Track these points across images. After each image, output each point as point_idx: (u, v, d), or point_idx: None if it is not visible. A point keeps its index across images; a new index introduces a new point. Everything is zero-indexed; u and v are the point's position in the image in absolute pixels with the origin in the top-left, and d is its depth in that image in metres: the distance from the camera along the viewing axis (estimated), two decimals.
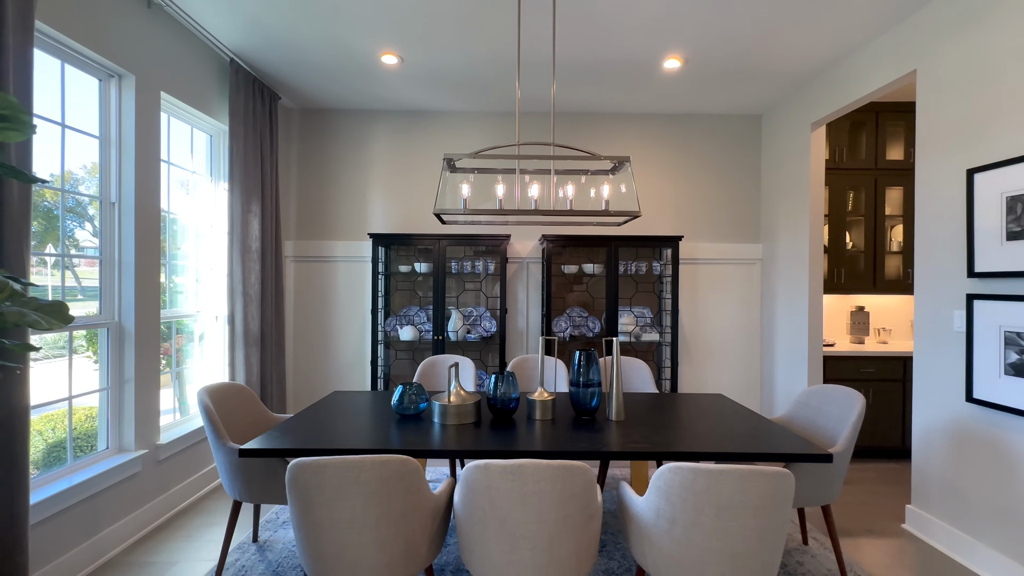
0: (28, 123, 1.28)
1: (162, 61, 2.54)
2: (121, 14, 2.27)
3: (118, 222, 2.35)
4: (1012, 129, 2.04)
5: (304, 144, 3.96)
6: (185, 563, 2.18)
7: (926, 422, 2.45)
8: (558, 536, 1.32)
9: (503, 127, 3.93)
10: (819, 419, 2.24)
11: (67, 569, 2.01)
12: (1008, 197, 2.02)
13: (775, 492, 1.29)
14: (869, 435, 3.49)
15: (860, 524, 2.60)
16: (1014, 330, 1.99)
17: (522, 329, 3.97)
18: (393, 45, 2.89)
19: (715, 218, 4.02)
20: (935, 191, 2.41)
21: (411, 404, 2.12)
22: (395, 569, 1.40)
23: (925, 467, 2.45)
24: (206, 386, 2.10)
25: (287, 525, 2.50)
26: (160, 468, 2.55)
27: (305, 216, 3.97)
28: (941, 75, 2.37)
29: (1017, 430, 2.01)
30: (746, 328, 4.01)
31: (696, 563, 1.34)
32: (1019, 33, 2.01)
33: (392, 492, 1.34)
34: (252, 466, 1.94)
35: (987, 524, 2.14)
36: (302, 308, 3.97)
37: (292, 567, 2.14)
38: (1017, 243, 1.98)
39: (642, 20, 2.59)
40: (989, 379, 2.09)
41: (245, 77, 3.14)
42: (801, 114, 3.44)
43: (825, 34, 2.71)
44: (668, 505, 1.35)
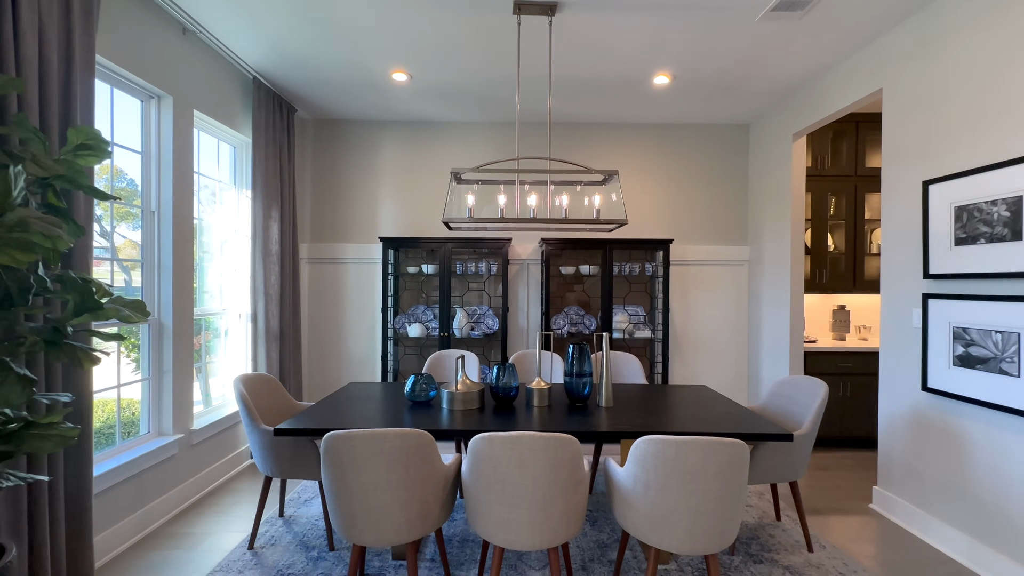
0: (105, 150, 1.53)
1: (195, 82, 2.79)
2: (161, 41, 2.53)
3: (157, 229, 2.61)
4: (961, 146, 2.27)
5: (317, 153, 4.22)
6: (220, 534, 2.44)
7: (890, 410, 2.68)
8: (550, 497, 1.57)
9: (504, 136, 4.17)
10: (789, 406, 2.48)
11: (118, 537, 2.27)
12: (956, 207, 2.25)
13: (732, 459, 1.53)
14: (847, 425, 3.73)
15: (831, 504, 2.84)
16: (961, 326, 2.22)
17: (523, 327, 4.21)
18: (403, 64, 3.14)
19: (705, 222, 4.26)
20: (898, 200, 2.65)
21: (422, 392, 2.37)
22: (412, 527, 1.65)
23: (889, 451, 2.69)
24: (240, 376, 2.36)
25: (308, 503, 2.76)
26: (193, 451, 2.81)
27: (318, 220, 4.23)
28: (903, 95, 2.60)
29: (964, 415, 2.25)
30: (734, 326, 4.25)
31: (667, 521, 1.59)
32: (965, 63, 2.24)
33: (410, 461, 1.59)
34: (283, 445, 2.20)
35: (940, 500, 2.38)
36: (316, 307, 4.23)
37: (316, 537, 2.39)
38: (963, 248, 2.21)
39: (631, 43, 2.83)
40: (940, 370, 2.33)
41: (266, 93, 3.40)
42: (783, 125, 3.68)
43: (801, 54, 2.95)
44: (643, 472, 1.60)
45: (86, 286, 1.23)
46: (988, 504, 2.13)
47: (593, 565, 2.16)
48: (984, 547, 2.14)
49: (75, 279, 1.22)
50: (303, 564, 2.16)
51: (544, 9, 2.47)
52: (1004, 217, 2.03)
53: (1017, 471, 2.01)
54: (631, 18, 2.57)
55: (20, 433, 1.23)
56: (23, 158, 1.21)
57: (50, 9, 1.81)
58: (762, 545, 2.36)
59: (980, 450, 2.17)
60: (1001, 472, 2.08)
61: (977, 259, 2.15)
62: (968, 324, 2.19)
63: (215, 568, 2.13)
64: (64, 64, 1.88)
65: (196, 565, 2.17)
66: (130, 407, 2.63)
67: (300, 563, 2.17)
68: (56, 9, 1.84)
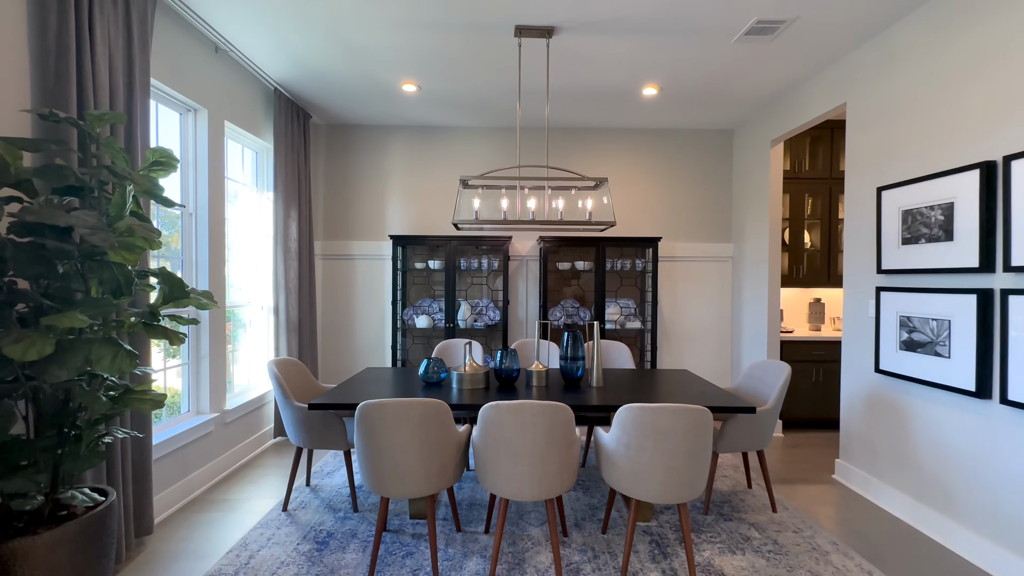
0: (174, 165, 1.83)
1: (225, 95, 3.08)
2: (197, 59, 2.81)
3: (195, 229, 2.91)
4: (907, 157, 2.59)
5: (330, 156, 4.50)
6: (254, 500, 2.75)
7: (849, 390, 3.01)
8: (547, 455, 1.89)
9: (505, 140, 4.47)
10: (759, 386, 2.80)
11: (167, 501, 2.58)
12: (903, 210, 2.57)
13: (697, 423, 1.85)
14: (819, 407, 4.07)
15: (798, 476, 3.18)
16: (906, 315, 2.55)
17: (522, 319, 4.53)
18: (412, 76, 3.43)
19: (691, 221, 4.57)
20: (858, 203, 2.96)
21: (434, 373, 2.69)
22: (431, 482, 1.97)
23: (849, 427, 3.02)
24: (272, 360, 2.67)
25: (331, 475, 3.07)
26: (227, 429, 3.12)
27: (330, 219, 4.52)
28: (863, 109, 2.91)
29: (908, 393, 2.58)
30: (718, 317, 4.58)
31: (644, 475, 1.91)
32: (913, 84, 2.55)
33: (430, 425, 1.91)
34: (313, 420, 2.51)
35: (889, 468, 2.71)
36: (328, 300, 4.53)
37: (340, 502, 2.71)
38: (909, 247, 2.53)
39: (621, 60, 3.12)
40: (890, 353, 2.65)
41: (285, 102, 3.69)
42: (762, 132, 3.98)
43: (775, 70, 3.25)
44: (624, 434, 1.92)
45: (178, 279, 1.53)
46: (927, 469, 2.47)
47: (585, 522, 2.49)
48: (923, 507, 2.48)
49: (170, 273, 1.53)
50: (332, 522, 2.48)
51: (542, 32, 2.77)
52: (939, 220, 2.35)
53: (949, 440, 2.34)
54: (621, 40, 2.86)
55: (124, 397, 1.54)
56: (126, 177, 1.50)
57: (116, 42, 2.10)
58: (733, 507, 2.69)
59: (920, 422, 2.50)
60: (937, 441, 2.41)
61: (918, 256, 2.47)
62: (911, 313, 2.51)
63: (255, 526, 2.44)
64: (127, 88, 2.17)
65: (238, 524, 2.48)
66: (167, 391, 2.93)
67: (329, 521, 2.49)
68: (121, 41, 2.12)
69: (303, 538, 2.33)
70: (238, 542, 2.29)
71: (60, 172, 1.44)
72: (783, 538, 2.36)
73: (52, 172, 1.43)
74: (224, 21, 2.72)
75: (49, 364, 1.28)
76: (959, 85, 2.29)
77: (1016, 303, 2.00)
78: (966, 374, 2.20)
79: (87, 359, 1.33)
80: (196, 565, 2.12)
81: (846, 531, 2.47)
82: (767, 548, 2.27)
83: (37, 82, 1.82)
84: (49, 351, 1.25)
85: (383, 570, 2.07)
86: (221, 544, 2.29)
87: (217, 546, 2.27)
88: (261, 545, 2.26)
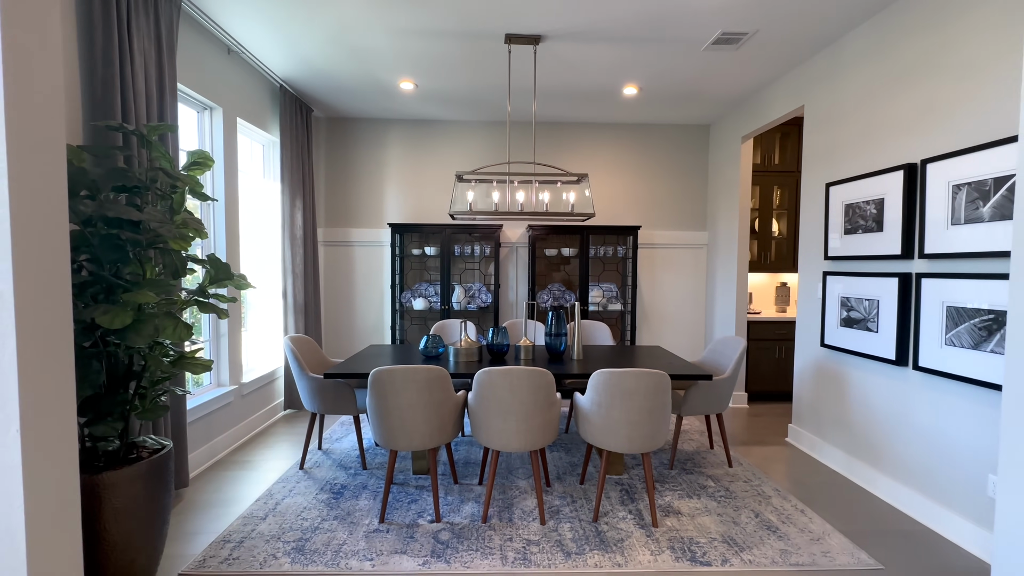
0: (210, 164, 2.11)
1: (236, 93, 3.32)
2: (213, 62, 3.05)
3: (212, 218, 3.18)
4: (850, 158, 2.93)
5: (330, 147, 4.75)
6: (272, 461, 3.09)
7: (801, 363, 3.41)
8: (532, 413, 2.24)
9: (496, 133, 4.75)
10: (720, 359, 3.18)
11: (197, 461, 2.91)
12: (846, 204, 2.93)
13: (656, 384, 2.21)
14: (781, 381, 4.48)
15: (756, 439, 3.59)
16: (845, 296, 2.92)
17: (512, 301, 4.87)
18: (410, 75, 3.69)
19: (669, 210, 4.91)
20: (811, 197, 3.32)
21: (433, 348, 3.02)
22: (434, 437, 2.32)
23: (800, 395, 3.43)
24: (288, 336, 2.98)
25: (340, 440, 3.42)
26: (244, 400, 3.44)
27: (331, 208, 4.79)
28: (817, 112, 3.25)
29: (847, 363, 2.96)
30: (693, 299, 4.95)
31: (613, 429, 2.28)
32: (856, 92, 2.88)
33: (433, 388, 2.25)
34: (327, 388, 2.84)
35: (830, 429, 3.12)
36: (330, 284, 4.82)
37: (350, 462, 3.06)
38: (849, 236, 2.90)
39: (602, 63, 3.41)
40: (832, 329, 3.03)
41: (290, 98, 3.93)
42: (734, 129, 4.31)
43: (743, 74, 3.57)
44: (597, 395, 2.28)
45: (224, 263, 1.84)
46: (858, 428, 2.87)
47: (565, 476, 2.87)
48: (855, 460, 2.88)
49: (218, 258, 1.83)
50: (344, 478, 2.83)
51: (530, 40, 3.05)
52: (873, 213, 2.71)
53: (875, 402, 2.74)
54: (602, 46, 3.16)
55: (180, 361, 1.85)
56: (178, 178, 1.80)
57: (149, 52, 2.36)
58: (695, 464, 3.08)
59: (854, 388, 2.90)
60: (866, 404, 2.80)
61: (856, 245, 2.83)
62: (849, 294, 2.89)
63: (277, 480, 2.78)
64: (159, 93, 2.43)
65: (261, 480, 2.82)
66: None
67: (342, 477, 2.84)
68: (153, 50, 2.38)
69: (320, 489, 2.67)
70: (264, 493, 2.63)
71: (124, 174, 1.73)
72: (734, 487, 2.76)
73: (118, 174, 1.72)
74: (237, 25, 2.96)
75: (128, 332, 1.59)
76: (891, 95, 2.63)
77: (928, 285, 2.38)
78: (889, 345, 2.59)
79: (156, 328, 1.64)
80: (230, 510, 2.46)
81: (789, 482, 2.87)
82: (719, 494, 2.66)
83: (87, 92, 2.08)
84: (129, 322, 1.56)
85: (392, 513, 2.42)
86: (248, 495, 2.63)
87: (245, 496, 2.61)
88: (284, 495, 2.60)
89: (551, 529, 2.28)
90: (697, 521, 2.37)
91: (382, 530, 2.26)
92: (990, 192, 2.07)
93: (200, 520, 2.36)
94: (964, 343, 2.18)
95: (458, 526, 2.30)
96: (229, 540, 2.17)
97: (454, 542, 2.17)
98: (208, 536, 2.23)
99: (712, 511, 2.47)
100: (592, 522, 2.35)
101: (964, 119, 2.22)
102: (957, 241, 2.22)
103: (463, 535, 2.23)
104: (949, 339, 2.25)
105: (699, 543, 2.18)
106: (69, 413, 1.34)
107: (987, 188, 2.08)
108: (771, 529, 2.31)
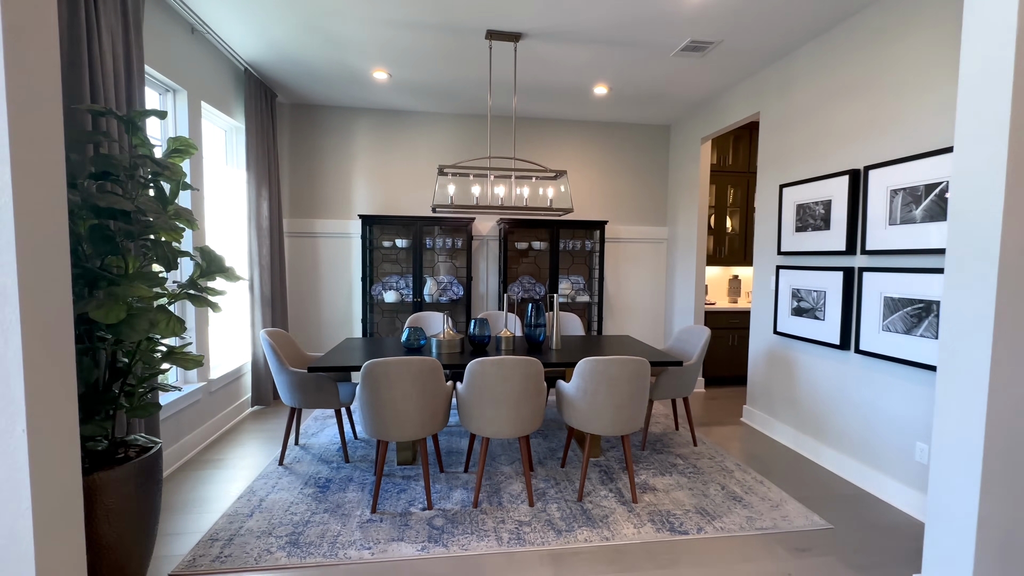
0: (193, 151, 2.04)
1: (201, 75, 3.16)
2: (177, 42, 2.88)
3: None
4: (801, 161, 3.22)
5: (294, 135, 4.59)
6: (246, 458, 3.01)
7: (755, 349, 3.72)
8: (522, 400, 2.34)
9: (470, 126, 4.76)
10: (686, 347, 3.41)
11: (167, 462, 2.78)
12: (797, 204, 3.22)
13: (637, 370, 2.37)
14: (734, 367, 4.84)
15: (714, 420, 3.88)
16: (796, 287, 3.22)
17: (483, 293, 4.93)
18: (385, 65, 3.64)
19: (633, 206, 5.14)
20: (765, 197, 3.61)
21: (415, 340, 3.04)
22: (425, 426, 2.37)
23: (754, 378, 3.74)
24: (265, 329, 2.90)
25: (316, 435, 3.37)
26: (212, 397, 3.31)
27: (295, 198, 4.63)
28: (771, 119, 3.53)
29: (796, 348, 3.28)
30: (654, 291, 5.23)
31: (598, 413, 2.42)
32: (805, 103, 3.17)
33: (426, 379, 2.29)
34: (307, 383, 2.80)
35: (781, 408, 3.44)
36: (295, 277, 4.68)
37: (330, 456, 3.03)
38: (800, 233, 3.19)
39: (576, 63, 3.53)
40: (784, 318, 3.34)
41: (255, 82, 3.76)
42: (694, 130, 4.57)
43: (706, 79, 3.80)
44: (583, 381, 2.41)
45: (218, 255, 1.79)
46: (805, 406, 3.19)
47: (547, 461, 3.00)
48: (802, 435, 3.21)
49: (211, 250, 1.78)
50: (328, 471, 2.81)
51: (511, 37, 3.10)
52: (821, 213, 3.00)
53: (821, 382, 3.05)
54: (579, 47, 3.26)
55: (171, 356, 1.80)
56: (167, 166, 1.73)
57: (116, 30, 2.21)
58: (664, 444, 3.31)
59: (803, 370, 3.21)
60: (813, 384, 3.12)
61: (807, 241, 3.13)
62: (800, 286, 3.19)
63: (257, 477, 2.73)
64: (126, 74, 2.29)
65: (238, 477, 2.75)
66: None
67: (325, 471, 2.82)
68: (120, 28, 2.24)
69: (305, 484, 2.65)
70: (245, 490, 2.57)
71: (108, 161, 1.65)
72: (701, 463, 3.00)
73: (102, 160, 1.64)
74: (204, 4, 2.82)
75: (123, 327, 1.54)
76: (837, 107, 2.92)
77: (868, 278, 2.68)
78: (834, 332, 2.90)
79: (152, 323, 1.59)
80: (210, 508, 2.40)
81: (747, 457, 3.15)
82: (688, 470, 2.89)
83: None
84: (123, 316, 1.50)
85: (383, 503, 2.45)
86: (227, 493, 2.56)
87: (223, 494, 2.54)
88: (268, 491, 2.56)
89: (540, 510, 2.40)
90: (672, 496, 2.57)
91: (375, 520, 2.29)
92: (922, 197, 2.38)
93: (180, 520, 2.29)
94: (898, 329, 2.50)
95: (450, 512, 2.37)
96: (217, 538, 2.13)
97: (449, 527, 2.24)
98: (192, 536, 2.17)
99: (684, 486, 2.68)
100: (577, 501, 2.49)
101: (901, 132, 2.52)
102: (894, 239, 2.52)
103: (457, 520, 2.30)
104: (886, 325, 2.57)
105: (675, 515, 2.38)
106: (71, 411, 1.29)
107: (919, 193, 2.39)
108: (736, 499, 2.55)
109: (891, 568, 2.01)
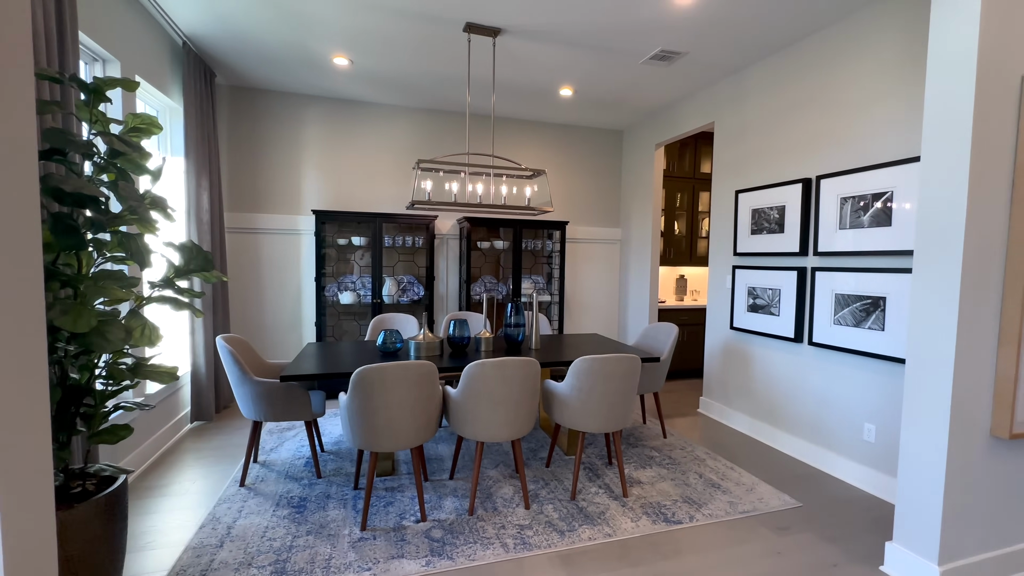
0: (156, 130, 1.77)
1: (134, 46, 2.75)
2: (108, 4, 2.49)
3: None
4: (757, 170, 3.49)
5: (234, 120, 4.16)
6: (195, 482, 2.67)
7: (711, 344, 3.97)
8: (521, 401, 2.30)
9: (432, 122, 4.60)
10: (653, 343, 3.56)
11: None
12: (752, 209, 3.48)
13: (630, 367, 2.43)
14: (685, 360, 5.14)
15: (675, 411, 4.09)
16: (752, 286, 3.48)
17: (443, 293, 4.80)
18: (347, 51, 3.41)
19: (589, 207, 5.27)
20: (721, 202, 3.86)
21: (391, 344, 2.88)
22: (419, 434, 2.24)
23: (710, 371, 3.99)
24: (222, 335, 2.59)
25: (276, 450, 3.07)
26: (147, 416, 2.89)
27: (236, 190, 4.20)
28: (726, 129, 3.79)
29: (751, 342, 3.54)
30: (608, 290, 5.40)
31: (591, 412, 2.44)
32: (758, 116, 3.44)
33: (423, 384, 2.17)
34: (275, 393, 2.54)
35: (736, 398, 3.70)
36: (236, 277, 4.24)
37: (298, 471, 2.78)
38: (755, 236, 3.45)
39: (547, 62, 3.54)
40: (740, 314, 3.60)
41: (195, 59, 3.35)
42: (649, 136, 4.79)
43: (666, 88, 3.99)
44: (578, 380, 2.42)
45: (205, 251, 1.56)
46: (760, 395, 3.46)
47: (531, 462, 2.97)
48: (758, 422, 3.47)
49: (197, 245, 1.54)
50: (300, 489, 2.57)
51: (490, 32, 3.04)
52: (776, 217, 3.27)
53: (775, 372, 3.33)
54: (552, 47, 3.27)
55: (139, 369, 1.54)
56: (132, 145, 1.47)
57: None
58: (636, 438, 3.42)
59: (758, 363, 3.48)
60: (768, 375, 3.39)
61: (761, 243, 3.39)
62: (755, 285, 3.45)
63: (217, 502, 2.42)
64: (59, 37, 1.93)
65: (192, 505, 2.43)
66: None
67: (296, 489, 2.57)
68: None
69: (276, 505, 2.40)
70: (207, 518, 2.28)
71: (63, 136, 1.38)
72: (675, 454, 3.14)
73: (56, 135, 1.36)
74: None
75: (92, 336, 1.29)
76: (790, 120, 3.20)
77: (820, 277, 2.96)
78: (789, 326, 3.17)
79: (128, 332, 1.35)
80: (170, 539, 2.09)
81: (712, 445, 3.35)
82: (666, 462, 3.01)
83: None
84: (94, 323, 1.26)
85: (370, 518, 2.29)
86: (183, 523, 2.25)
87: (181, 524, 2.23)
88: (235, 517, 2.29)
89: (537, 512, 2.37)
90: (657, 487, 2.66)
91: (368, 537, 2.13)
92: (869, 204, 2.67)
93: (137, 560, 1.97)
94: (848, 322, 2.78)
95: (446, 522, 2.27)
96: None
97: (449, 538, 2.14)
98: None
99: (666, 477, 2.79)
100: (571, 500, 2.49)
101: (848, 145, 2.81)
102: (843, 242, 2.81)
103: (455, 530, 2.20)
104: (836, 319, 2.85)
105: (666, 506, 2.46)
106: (44, 437, 1.05)
107: (867, 201, 2.68)
108: (715, 486, 2.70)
109: (862, 538, 2.23)
